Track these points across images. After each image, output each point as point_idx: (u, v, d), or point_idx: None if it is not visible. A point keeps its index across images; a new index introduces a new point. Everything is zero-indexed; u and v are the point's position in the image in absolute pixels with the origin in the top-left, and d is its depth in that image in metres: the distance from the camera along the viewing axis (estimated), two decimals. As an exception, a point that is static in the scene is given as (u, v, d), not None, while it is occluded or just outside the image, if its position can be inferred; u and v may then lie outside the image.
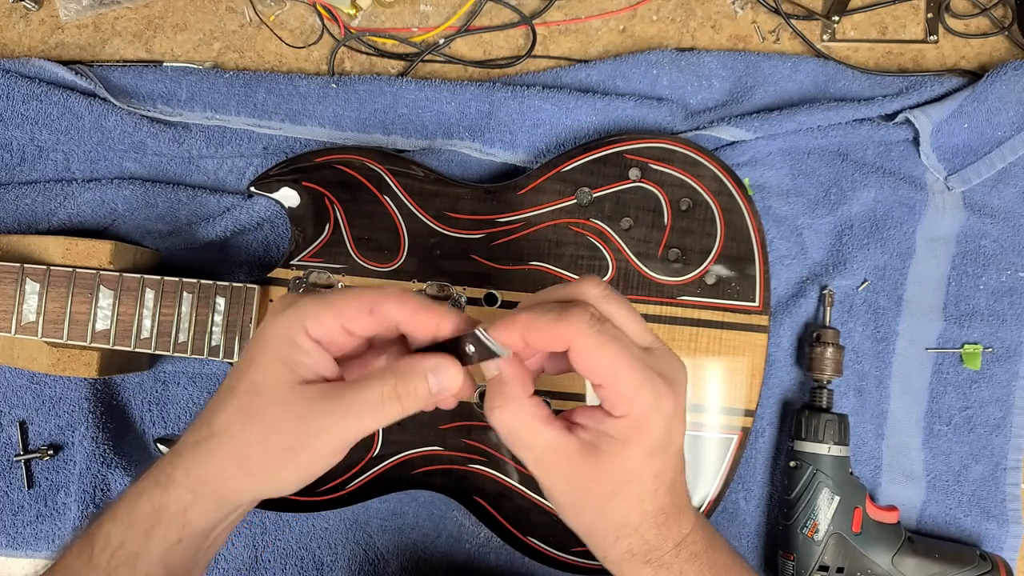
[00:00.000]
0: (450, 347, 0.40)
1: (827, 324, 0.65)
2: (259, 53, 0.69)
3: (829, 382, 0.64)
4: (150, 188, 0.65)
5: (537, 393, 0.41)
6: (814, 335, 0.64)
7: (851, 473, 0.62)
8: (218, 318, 0.59)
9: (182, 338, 0.59)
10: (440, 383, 0.39)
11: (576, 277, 0.62)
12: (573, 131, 0.66)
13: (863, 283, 0.67)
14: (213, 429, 0.40)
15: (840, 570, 0.61)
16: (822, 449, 0.62)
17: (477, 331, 0.39)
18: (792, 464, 0.63)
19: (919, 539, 0.64)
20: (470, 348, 0.39)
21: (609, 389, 0.39)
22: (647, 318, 0.62)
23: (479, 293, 0.62)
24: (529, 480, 0.61)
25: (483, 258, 0.62)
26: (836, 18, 0.68)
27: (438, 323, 0.40)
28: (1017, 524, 0.66)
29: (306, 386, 0.39)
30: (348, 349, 0.41)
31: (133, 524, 0.40)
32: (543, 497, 0.61)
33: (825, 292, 0.66)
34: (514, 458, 0.61)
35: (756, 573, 0.48)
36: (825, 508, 0.61)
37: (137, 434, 0.67)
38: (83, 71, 0.65)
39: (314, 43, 0.69)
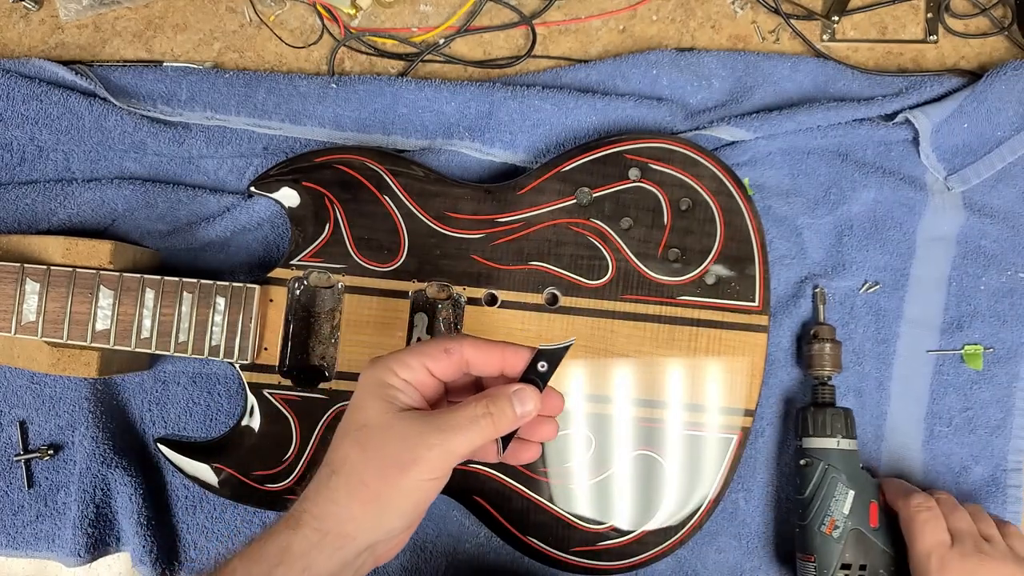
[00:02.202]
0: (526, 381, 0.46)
1: (821, 320, 0.65)
2: (259, 53, 0.69)
3: (830, 378, 0.64)
4: (150, 188, 0.65)
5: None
6: (811, 332, 0.64)
7: (862, 468, 0.62)
8: (218, 318, 0.59)
9: (182, 338, 0.59)
10: (523, 407, 0.45)
11: (577, 277, 0.62)
12: (573, 131, 0.66)
13: (867, 286, 0.67)
14: (333, 467, 0.45)
15: (863, 567, 0.59)
16: (831, 443, 0.61)
17: (539, 347, 0.46)
18: (802, 462, 0.62)
19: None
20: (542, 366, 0.46)
21: None
22: (647, 318, 0.62)
23: (479, 293, 0.62)
24: (528, 480, 0.61)
25: (483, 258, 0.62)
26: (836, 18, 0.69)
27: (502, 355, 0.46)
28: (1014, 526, 0.66)
29: (406, 411, 0.45)
30: (431, 393, 0.47)
31: (258, 562, 0.43)
32: (542, 497, 0.61)
33: (816, 290, 0.66)
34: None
35: None
36: (841, 503, 0.60)
37: (137, 434, 0.67)
38: (83, 71, 0.65)
39: (314, 43, 0.69)
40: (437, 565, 0.66)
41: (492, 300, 0.62)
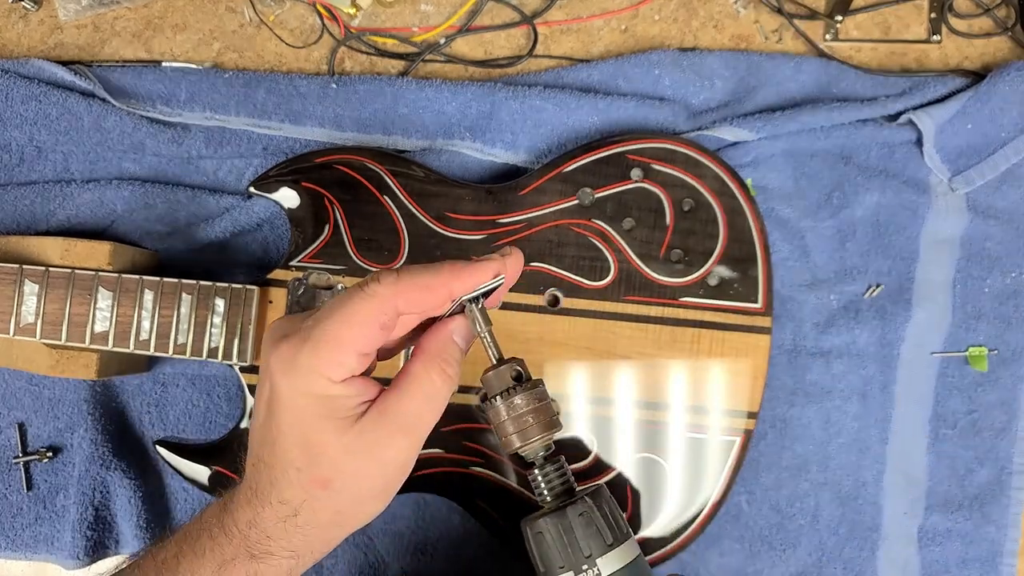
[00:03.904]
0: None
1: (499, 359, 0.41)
2: (259, 53, 0.69)
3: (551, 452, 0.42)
4: (149, 189, 0.65)
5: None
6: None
7: None
8: (217, 319, 0.59)
9: (181, 339, 0.59)
10: (466, 339, 0.40)
11: (578, 278, 0.61)
12: (575, 131, 0.65)
13: (871, 290, 0.67)
14: (295, 505, 0.39)
15: None
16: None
17: (462, 298, 0.39)
18: None
19: None
20: (473, 306, 0.40)
21: None
22: (649, 319, 0.62)
23: (480, 294, 0.62)
24: (527, 482, 0.61)
25: (484, 259, 0.62)
26: (839, 18, 0.68)
27: (449, 290, 0.38)
28: (1016, 528, 0.66)
29: (360, 421, 0.38)
30: (370, 365, 0.40)
31: None
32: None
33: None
34: (511, 459, 0.61)
35: None
36: None
37: (136, 436, 0.67)
38: (82, 71, 0.65)
39: (314, 43, 0.69)
40: (439, 568, 0.66)
41: (493, 301, 0.62)
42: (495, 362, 0.40)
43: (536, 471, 0.41)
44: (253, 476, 0.41)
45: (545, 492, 0.41)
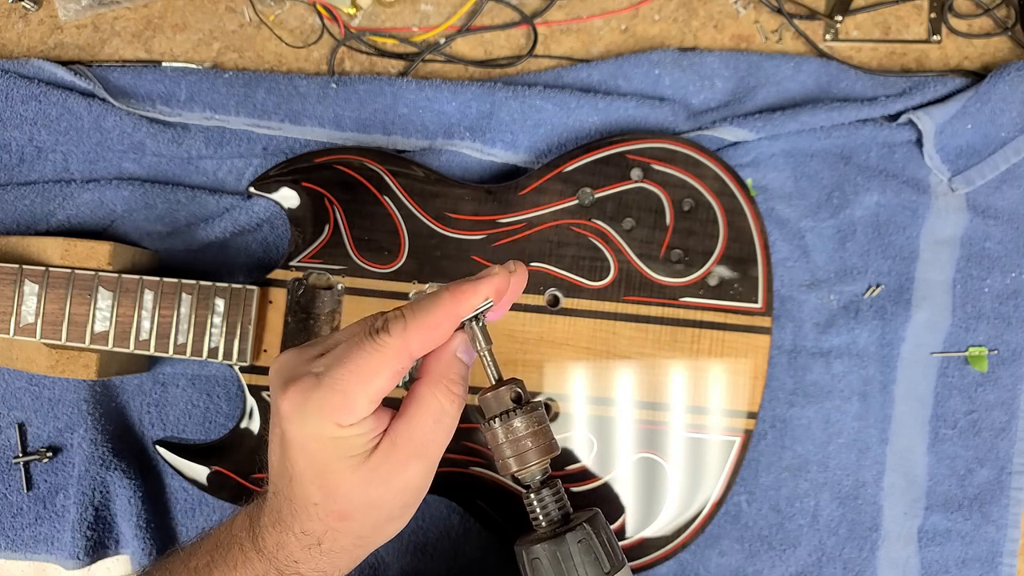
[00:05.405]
0: None
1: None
2: (259, 53, 0.69)
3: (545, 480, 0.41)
4: (149, 189, 0.65)
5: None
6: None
7: None
8: (217, 319, 0.59)
9: (181, 340, 0.59)
10: (469, 352, 0.40)
11: (578, 278, 0.62)
12: (575, 131, 0.65)
13: (871, 290, 0.67)
14: (317, 536, 0.40)
15: None
16: None
17: (464, 323, 0.40)
18: None
19: None
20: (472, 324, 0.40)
21: None
22: (649, 320, 0.62)
23: (480, 294, 0.62)
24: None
25: (484, 259, 0.62)
26: (839, 18, 0.68)
27: (456, 316, 0.39)
28: (1016, 528, 0.66)
29: (373, 455, 0.39)
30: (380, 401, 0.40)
31: None
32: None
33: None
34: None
35: None
36: None
37: (136, 436, 0.67)
38: (82, 71, 0.65)
39: (314, 43, 0.69)
40: (439, 568, 0.66)
41: (493, 301, 0.62)
42: (494, 382, 0.40)
43: (532, 495, 0.40)
44: (275, 504, 0.42)
45: (540, 517, 0.40)
